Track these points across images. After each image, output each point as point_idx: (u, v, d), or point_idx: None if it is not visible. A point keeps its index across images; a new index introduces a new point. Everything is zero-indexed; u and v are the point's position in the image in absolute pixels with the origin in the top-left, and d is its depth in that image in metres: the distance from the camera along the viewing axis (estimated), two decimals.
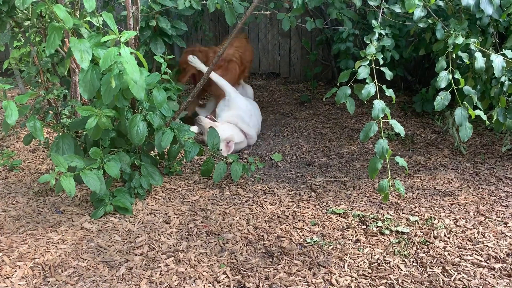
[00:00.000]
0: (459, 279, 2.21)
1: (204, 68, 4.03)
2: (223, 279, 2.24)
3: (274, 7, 3.61)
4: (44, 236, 2.56)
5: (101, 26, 2.92)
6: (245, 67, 4.48)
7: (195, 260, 2.37)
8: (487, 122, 2.90)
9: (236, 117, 3.94)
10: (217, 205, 2.92)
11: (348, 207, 2.89)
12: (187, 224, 2.70)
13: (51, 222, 2.70)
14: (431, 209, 2.85)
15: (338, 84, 2.67)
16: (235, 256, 2.41)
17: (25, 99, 2.66)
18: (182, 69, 4.17)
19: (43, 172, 3.36)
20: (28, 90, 3.80)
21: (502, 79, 2.98)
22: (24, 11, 3.38)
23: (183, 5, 3.18)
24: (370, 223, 2.69)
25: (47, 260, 2.36)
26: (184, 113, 4.11)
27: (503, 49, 2.94)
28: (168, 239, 2.56)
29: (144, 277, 2.24)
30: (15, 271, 2.28)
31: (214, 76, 4.12)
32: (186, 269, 2.31)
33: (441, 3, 2.94)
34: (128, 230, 2.63)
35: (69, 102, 3.46)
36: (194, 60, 4.15)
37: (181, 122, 3.51)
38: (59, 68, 3.70)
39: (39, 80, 3.65)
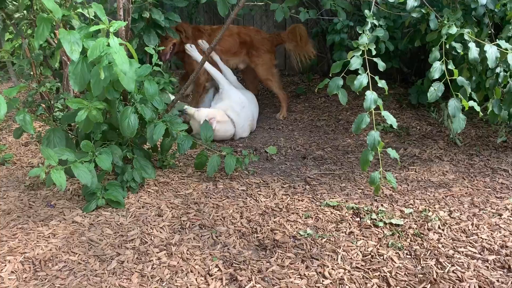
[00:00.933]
0: (453, 271, 2.19)
1: (199, 58, 4.00)
2: (215, 272, 2.22)
3: None
4: (35, 230, 2.54)
5: (93, 18, 2.88)
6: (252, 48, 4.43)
7: (187, 254, 2.35)
8: (481, 114, 2.88)
9: (226, 105, 3.94)
10: (210, 198, 2.90)
11: (342, 200, 2.87)
12: (180, 218, 2.67)
13: (42, 216, 2.67)
14: (425, 201, 2.83)
15: (330, 75, 2.65)
16: (228, 249, 2.40)
17: (14, 92, 2.63)
18: (163, 38, 4.08)
19: (35, 165, 3.33)
20: (21, 83, 3.76)
21: (497, 70, 2.96)
22: (14, 2, 3.33)
23: None
24: (364, 215, 2.68)
25: (37, 254, 2.34)
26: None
27: (498, 40, 2.91)
28: (160, 232, 2.54)
29: (135, 271, 2.22)
30: (5, 265, 2.26)
31: (208, 67, 4.09)
32: (178, 263, 2.29)
33: None
34: (120, 223, 2.61)
35: (61, 95, 3.42)
36: (191, 49, 4.12)
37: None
38: (51, 61, 3.66)
39: (31, 73, 3.62)
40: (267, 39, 4.45)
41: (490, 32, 3.21)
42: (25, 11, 3.31)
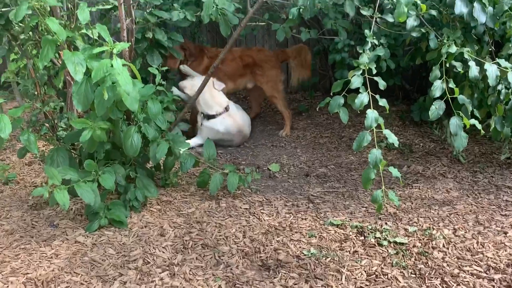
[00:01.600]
0: None
1: (196, 75, 4.04)
2: None
3: (269, 18, 3.61)
4: (37, 250, 2.53)
5: (96, 38, 2.92)
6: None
7: (190, 274, 2.34)
8: (483, 132, 2.88)
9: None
10: (213, 217, 2.89)
11: (346, 218, 2.86)
12: (183, 237, 2.66)
13: (45, 236, 2.67)
14: (429, 219, 2.81)
15: (332, 94, 2.66)
16: (231, 269, 2.38)
17: (19, 112, 2.65)
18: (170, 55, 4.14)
19: (38, 185, 3.34)
20: (25, 103, 3.79)
21: (499, 87, 2.97)
22: (20, 24, 3.38)
23: (177, 17, 3.19)
24: (368, 234, 2.66)
25: (40, 275, 2.33)
26: None
27: (498, 58, 2.93)
28: (163, 252, 2.53)
29: None
30: (8, 286, 2.24)
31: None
32: (181, 283, 2.27)
33: (433, 12, 2.93)
34: (122, 243, 2.60)
35: (65, 115, 3.45)
36: (185, 69, 4.16)
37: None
38: (55, 81, 3.70)
39: (36, 93, 3.65)
40: (271, 56, 4.49)
41: (490, 49, 3.23)
42: (30, 33, 3.36)
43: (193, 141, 4.03)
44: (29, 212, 2.96)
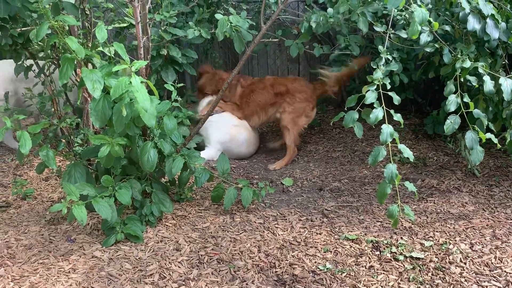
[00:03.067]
0: None
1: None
2: None
3: (282, 34, 3.65)
4: (55, 265, 2.56)
5: (113, 56, 2.98)
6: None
7: None
8: (499, 146, 2.87)
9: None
10: (228, 231, 2.90)
11: (361, 233, 2.85)
12: (198, 252, 2.68)
13: (62, 251, 2.70)
14: (445, 233, 2.79)
15: (346, 109, 2.68)
16: (247, 284, 2.38)
17: (38, 128, 2.71)
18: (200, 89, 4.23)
19: (55, 200, 3.38)
20: (42, 119, 3.86)
21: None
22: (39, 42, 3.47)
23: (193, 34, 3.24)
24: (384, 249, 2.65)
25: None
26: None
27: None
28: (179, 267, 2.54)
29: None
30: None
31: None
32: None
33: (447, 28, 2.95)
34: (139, 258, 2.62)
35: (81, 131, 3.51)
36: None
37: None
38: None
39: (53, 109, 3.72)
40: (305, 87, 4.29)
41: (504, 63, 3.23)
42: (49, 51, 3.44)
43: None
44: (46, 227, 2.99)
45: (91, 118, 2.52)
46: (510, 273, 2.38)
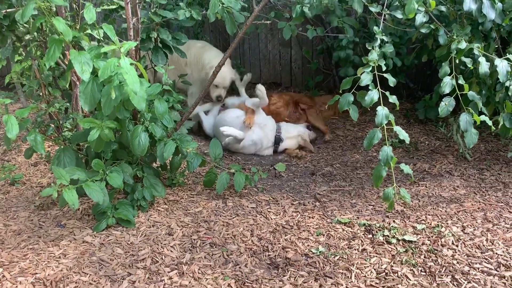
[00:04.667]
0: None
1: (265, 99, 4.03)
2: None
3: (275, 16, 3.59)
4: (45, 250, 2.53)
5: (101, 38, 2.91)
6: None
7: (199, 273, 2.33)
8: (493, 128, 2.87)
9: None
10: (220, 216, 2.88)
11: (353, 216, 2.85)
12: (191, 236, 2.66)
13: (52, 236, 2.66)
14: (437, 216, 2.80)
15: (340, 92, 2.65)
16: (240, 268, 2.37)
17: (25, 113, 2.64)
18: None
19: (45, 186, 3.33)
20: (29, 104, 3.79)
21: (507, 83, 2.95)
22: (25, 24, 3.38)
23: (183, 16, 3.17)
24: (376, 232, 2.65)
25: (48, 275, 2.32)
26: None
27: (506, 54, 2.91)
28: (171, 251, 2.52)
29: None
30: (16, 286, 2.24)
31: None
32: (190, 282, 2.26)
33: (443, 8, 2.92)
34: (130, 243, 2.59)
35: (70, 115, 3.44)
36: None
37: None
38: (60, 82, 3.69)
39: (41, 94, 3.64)
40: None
41: (497, 46, 3.22)
42: (35, 33, 3.36)
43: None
44: (36, 212, 2.95)
45: (80, 101, 2.47)
46: (501, 255, 2.40)
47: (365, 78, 2.50)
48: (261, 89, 3.99)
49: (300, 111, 4.64)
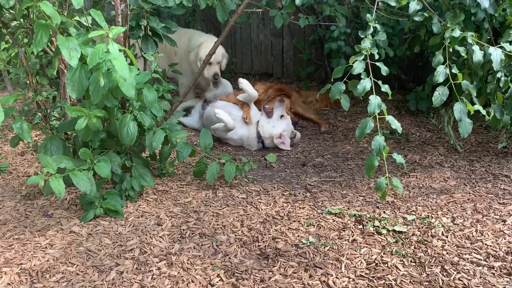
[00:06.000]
0: (459, 279, 2.16)
1: (252, 92, 3.94)
2: (217, 282, 2.17)
3: (266, 5, 3.55)
4: (31, 240, 2.48)
5: (90, 25, 2.85)
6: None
7: (188, 263, 2.31)
8: (487, 117, 2.86)
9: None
10: (210, 206, 2.86)
11: (344, 207, 2.83)
12: (180, 226, 2.63)
13: (39, 226, 2.62)
14: (428, 207, 2.80)
15: (332, 81, 2.62)
16: (229, 258, 2.35)
17: (11, 100, 2.59)
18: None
19: (32, 175, 3.27)
20: (17, 92, 3.71)
21: (498, 75, 2.95)
22: (11, 10, 3.30)
23: (173, 2, 3.11)
24: (367, 222, 2.64)
25: (34, 265, 2.28)
26: None
27: (500, 44, 2.90)
28: (160, 242, 2.49)
29: (135, 282, 2.17)
30: (1, 277, 2.20)
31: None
32: (178, 273, 2.24)
33: None
34: (118, 233, 2.56)
35: (58, 104, 3.38)
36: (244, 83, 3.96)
37: None
38: (48, 70, 3.62)
39: (28, 82, 3.57)
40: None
41: (489, 37, 3.21)
42: (22, 20, 3.28)
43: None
44: (22, 202, 2.90)
45: (67, 89, 2.42)
46: (490, 246, 2.40)
47: (358, 66, 2.48)
48: (243, 82, 3.91)
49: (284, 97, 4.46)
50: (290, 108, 4.33)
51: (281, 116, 3.84)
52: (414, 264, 2.29)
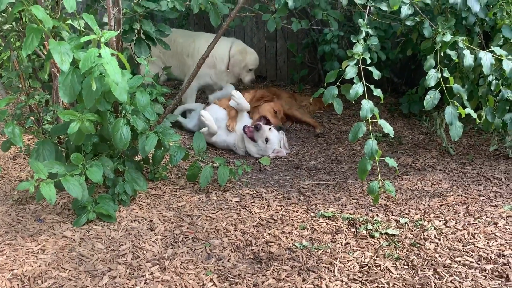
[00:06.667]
0: (451, 281, 2.17)
1: (245, 104, 3.98)
2: (210, 286, 2.17)
3: (259, 9, 3.56)
4: (23, 246, 2.47)
5: (82, 29, 2.84)
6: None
7: (181, 268, 2.30)
8: (478, 120, 2.88)
9: None
10: (203, 210, 2.85)
11: (337, 210, 2.84)
12: (173, 231, 2.62)
13: (31, 231, 2.60)
14: (420, 210, 2.81)
15: (325, 85, 2.63)
16: (223, 262, 2.35)
17: (3, 103, 2.58)
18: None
19: (24, 180, 3.25)
20: (9, 95, 3.69)
21: (490, 78, 2.97)
22: (3, 14, 3.28)
23: (166, 6, 3.11)
24: (360, 226, 2.65)
25: (26, 271, 2.26)
26: None
27: (490, 47, 2.92)
28: (153, 246, 2.48)
29: (128, 287, 2.16)
30: None
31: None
32: (171, 277, 2.23)
33: (428, 1, 2.92)
34: (111, 238, 2.55)
35: (50, 107, 3.37)
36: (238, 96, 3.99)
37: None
38: (40, 73, 3.61)
39: (20, 85, 3.55)
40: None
41: (480, 41, 3.23)
42: (14, 23, 3.27)
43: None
44: (14, 207, 2.88)
45: (59, 93, 2.41)
46: (482, 248, 2.41)
47: (350, 71, 2.49)
48: (236, 95, 3.95)
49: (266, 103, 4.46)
50: (274, 111, 4.29)
51: (270, 128, 3.83)
52: (406, 267, 2.30)
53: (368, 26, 2.69)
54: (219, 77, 4.50)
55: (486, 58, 2.80)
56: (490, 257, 2.34)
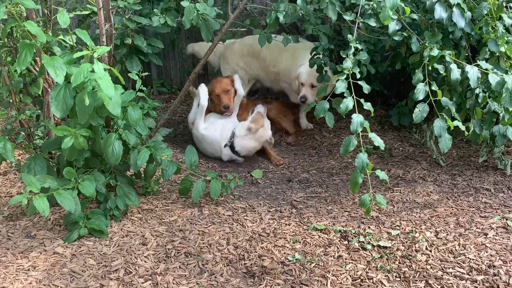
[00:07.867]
0: None
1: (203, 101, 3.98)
2: None
3: (250, 23, 3.61)
4: (13, 262, 2.44)
5: (74, 45, 2.86)
6: None
7: (173, 283, 2.29)
8: (466, 133, 2.92)
9: None
10: (196, 224, 2.85)
11: (329, 223, 2.85)
12: (165, 246, 2.61)
13: (21, 248, 2.58)
14: (412, 222, 2.84)
15: (316, 100, 2.67)
16: (215, 277, 2.34)
17: None
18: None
19: (14, 195, 3.22)
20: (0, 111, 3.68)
21: (477, 91, 3.03)
22: None
23: (157, 22, 3.14)
24: (352, 238, 2.66)
25: None
26: None
27: (477, 61, 2.99)
28: (145, 261, 2.47)
29: None
30: None
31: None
32: None
33: (415, 16, 2.98)
34: (103, 253, 2.53)
35: (41, 123, 3.36)
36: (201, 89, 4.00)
37: None
38: (31, 88, 3.60)
39: (11, 101, 3.55)
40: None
41: (467, 54, 3.30)
42: (5, 39, 3.28)
43: None
44: (4, 223, 2.85)
45: (51, 107, 2.41)
46: (473, 259, 2.44)
47: (340, 85, 2.53)
48: (201, 87, 4.02)
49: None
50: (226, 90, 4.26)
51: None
52: (399, 279, 2.31)
53: (357, 42, 2.74)
54: None
55: (472, 72, 2.86)
56: (481, 268, 2.36)
